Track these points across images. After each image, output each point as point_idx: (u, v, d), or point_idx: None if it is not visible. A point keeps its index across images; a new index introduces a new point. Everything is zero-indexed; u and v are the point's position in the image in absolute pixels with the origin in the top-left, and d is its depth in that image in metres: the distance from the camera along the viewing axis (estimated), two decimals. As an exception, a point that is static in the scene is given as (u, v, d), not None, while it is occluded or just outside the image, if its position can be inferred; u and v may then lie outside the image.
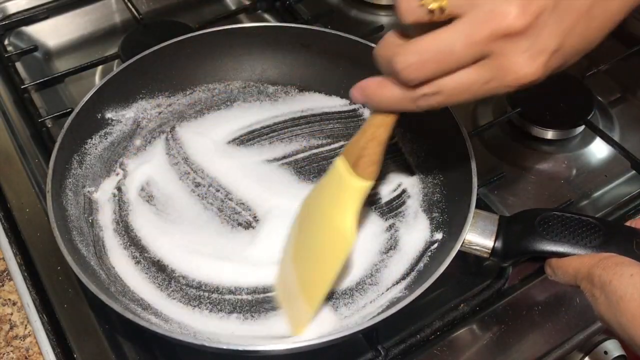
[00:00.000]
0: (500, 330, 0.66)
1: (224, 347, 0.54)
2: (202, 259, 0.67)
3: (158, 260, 0.67)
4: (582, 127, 0.85)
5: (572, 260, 0.55)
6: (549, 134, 0.85)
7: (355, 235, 0.56)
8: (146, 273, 0.66)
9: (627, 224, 0.59)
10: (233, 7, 1.05)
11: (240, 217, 0.72)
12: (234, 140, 0.79)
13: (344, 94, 0.83)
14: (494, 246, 0.60)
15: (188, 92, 0.83)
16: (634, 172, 0.80)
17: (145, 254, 0.68)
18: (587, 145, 0.85)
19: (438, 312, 0.68)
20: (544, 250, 0.57)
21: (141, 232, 0.70)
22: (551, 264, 0.58)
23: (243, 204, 0.73)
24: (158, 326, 0.58)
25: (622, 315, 0.48)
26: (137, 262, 0.67)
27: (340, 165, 0.56)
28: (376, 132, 0.52)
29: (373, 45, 0.77)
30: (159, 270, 0.67)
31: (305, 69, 0.83)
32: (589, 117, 0.84)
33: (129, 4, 0.98)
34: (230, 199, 0.73)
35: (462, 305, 0.68)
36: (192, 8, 1.04)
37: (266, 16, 1.03)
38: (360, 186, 0.55)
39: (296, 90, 0.84)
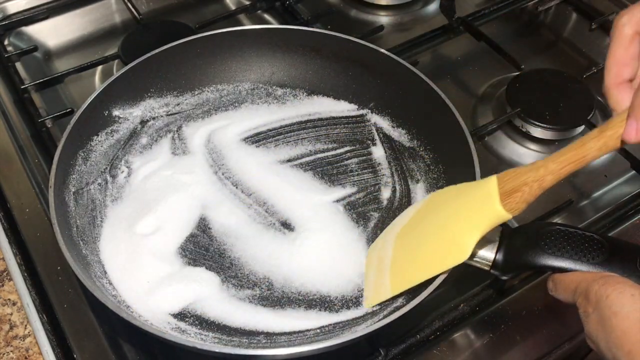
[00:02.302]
0: (500, 331, 0.66)
1: (227, 351, 0.54)
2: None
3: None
4: (582, 127, 0.85)
5: (575, 275, 0.53)
6: (549, 134, 0.85)
7: (465, 258, 0.56)
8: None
9: None
10: (233, 7, 1.05)
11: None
12: (239, 141, 0.79)
13: (352, 98, 0.83)
14: (495, 259, 0.59)
15: (196, 92, 0.83)
16: (634, 172, 0.80)
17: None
18: (587, 145, 0.85)
19: (438, 312, 0.68)
20: (545, 265, 0.56)
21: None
22: (554, 278, 0.56)
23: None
24: (153, 327, 0.58)
25: (612, 332, 0.46)
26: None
27: (493, 185, 0.55)
28: (545, 177, 0.52)
29: (385, 52, 0.77)
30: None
31: (314, 72, 0.83)
32: (589, 117, 0.84)
33: (129, 4, 0.98)
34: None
35: (462, 305, 0.68)
36: (192, 8, 1.04)
37: (266, 16, 1.03)
38: (501, 216, 0.54)
39: (305, 93, 0.84)
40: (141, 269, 0.66)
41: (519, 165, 0.82)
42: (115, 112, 0.77)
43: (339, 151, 0.79)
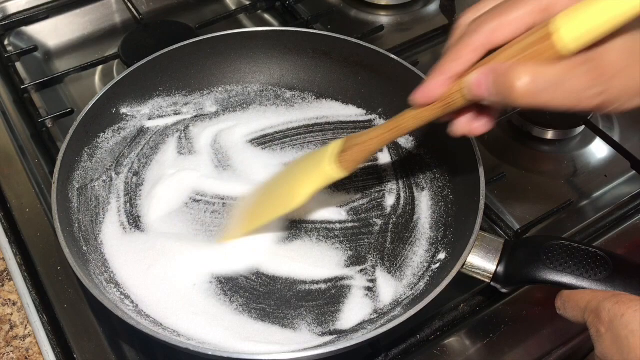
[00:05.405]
0: (500, 331, 0.66)
1: (222, 354, 0.54)
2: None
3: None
4: (582, 127, 0.85)
5: (584, 294, 0.52)
6: (549, 134, 0.85)
7: (297, 205, 0.63)
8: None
9: None
10: (233, 7, 1.05)
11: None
12: (246, 143, 0.79)
13: (360, 103, 0.82)
14: (496, 271, 0.59)
15: (205, 92, 0.83)
16: (634, 172, 0.80)
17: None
18: (587, 145, 0.85)
19: (438, 312, 0.68)
20: (547, 280, 0.56)
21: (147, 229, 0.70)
22: (562, 296, 0.55)
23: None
24: (148, 328, 0.58)
25: (630, 351, 0.45)
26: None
27: (331, 147, 0.61)
28: (371, 141, 0.58)
29: (395, 57, 0.76)
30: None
31: (324, 76, 0.83)
32: (589, 117, 0.84)
33: (129, 4, 0.98)
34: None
35: (462, 305, 0.68)
36: (192, 8, 1.04)
37: (266, 16, 1.03)
38: (329, 172, 0.61)
39: (313, 96, 0.84)
40: (141, 267, 0.66)
41: (521, 165, 0.84)
42: (123, 110, 0.77)
43: None
